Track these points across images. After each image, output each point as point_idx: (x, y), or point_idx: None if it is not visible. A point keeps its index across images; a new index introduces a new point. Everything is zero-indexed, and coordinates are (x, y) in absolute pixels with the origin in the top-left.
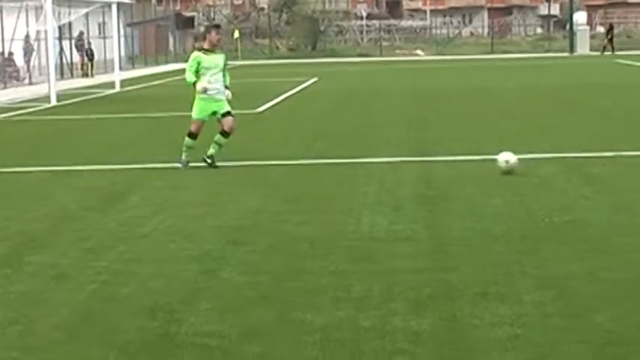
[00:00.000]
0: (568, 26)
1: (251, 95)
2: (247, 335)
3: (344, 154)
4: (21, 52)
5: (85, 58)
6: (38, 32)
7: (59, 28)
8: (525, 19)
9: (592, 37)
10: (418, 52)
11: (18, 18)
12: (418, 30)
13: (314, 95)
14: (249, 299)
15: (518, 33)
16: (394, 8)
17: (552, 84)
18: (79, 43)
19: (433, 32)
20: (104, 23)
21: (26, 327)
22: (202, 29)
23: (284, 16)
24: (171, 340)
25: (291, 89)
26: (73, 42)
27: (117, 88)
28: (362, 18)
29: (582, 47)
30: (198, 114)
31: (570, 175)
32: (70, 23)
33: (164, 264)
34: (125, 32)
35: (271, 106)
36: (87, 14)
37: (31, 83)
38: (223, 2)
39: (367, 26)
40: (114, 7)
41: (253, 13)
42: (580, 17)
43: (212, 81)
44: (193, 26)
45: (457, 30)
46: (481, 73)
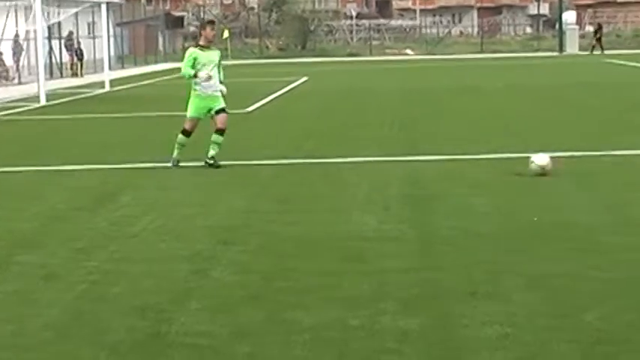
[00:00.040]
0: (557, 26)
1: (241, 95)
2: (237, 335)
3: (333, 154)
4: (10, 52)
5: (75, 58)
6: (27, 32)
7: (48, 28)
8: (515, 19)
9: (581, 37)
10: (408, 52)
11: (7, 18)
12: (408, 29)
13: (303, 95)
14: (239, 299)
15: (507, 32)
16: (384, 8)
17: (541, 83)
18: (69, 43)
19: (423, 32)
20: (93, 23)
21: (16, 327)
22: (192, 29)
23: (274, 16)
24: (161, 340)
25: (280, 89)
26: (63, 42)
27: (106, 88)
28: (352, 17)
29: (571, 47)
30: (193, 112)
31: (560, 174)
32: (60, 23)
33: (154, 264)
34: (115, 32)
35: (261, 106)
36: (76, 14)
37: (21, 83)
38: (213, 2)
39: (357, 26)
40: (103, 7)
41: (243, 13)
42: (569, 17)
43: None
44: (183, 26)
45: (447, 29)
46: (470, 73)
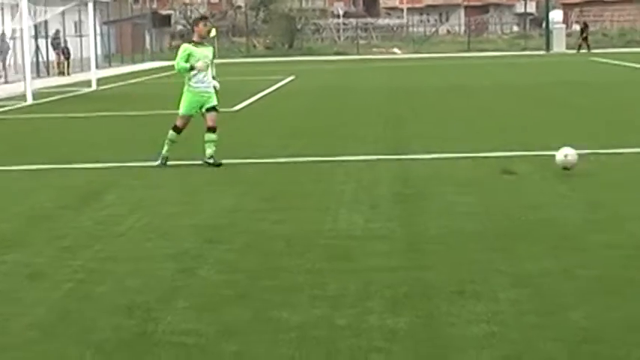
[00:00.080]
0: (544, 24)
1: (228, 94)
2: (224, 334)
3: (321, 153)
4: None
5: (62, 57)
6: (14, 30)
7: (35, 27)
8: (502, 18)
9: (568, 36)
10: (395, 51)
11: None
12: (395, 28)
13: (291, 93)
14: (225, 298)
15: (494, 31)
16: (371, 6)
17: (528, 82)
18: (56, 42)
19: (410, 30)
20: (80, 21)
21: (0, 326)
22: (179, 28)
23: (261, 15)
24: (148, 339)
25: (268, 87)
26: (49, 40)
27: (93, 87)
28: (339, 16)
29: (558, 45)
30: (186, 109)
31: (546, 173)
32: (46, 21)
33: (141, 262)
34: (101, 30)
35: (248, 105)
36: (63, 12)
37: (7, 82)
38: (200, 0)
39: (344, 24)
40: (90, 6)
41: (230, 12)
42: (556, 15)
43: (202, 73)
44: (170, 24)
45: (434, 28)
46: (458, 71)
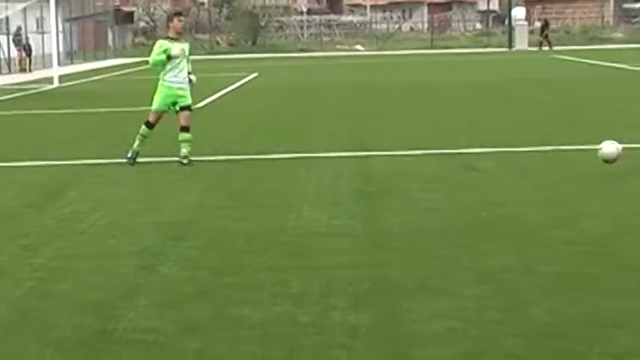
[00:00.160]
0: (507, 22)
1: (191, 90)
2: (186, 331)
3: (284, 150)
4: None
5: (23, 53)
6: None
7: None
8: (465, 15)
9: (530, 33)
10: (358, 48)
11: None
12: (358, 25)
13: (254, 90)
14: (187, 295)
15: (457, 28)
16: (334, 3)
17: (491, 79)
18: (17, 38)
19: (373, 27)
20: (42, 18)
21: None
22: (142, 24)
23: (224, 11)
24: (108, 337)
25: (231, 84)
26: (11, 37)
27: (55, 84)
28: (302, 13)
29: (521, 43)
30: (159, 104)
31: (508, 170)
32: (8, 18)
33: (103, 260)
34: (64, 27)
35: (211, 102)
36: (25, 9)
37: None
38: None
39: (307, 21)
40: (52, 2)
41: (193, 8)
42: (518, 13)
43: (178, 69)
44: (132, 21)
45: (397, 25)
46: (421, 68)
